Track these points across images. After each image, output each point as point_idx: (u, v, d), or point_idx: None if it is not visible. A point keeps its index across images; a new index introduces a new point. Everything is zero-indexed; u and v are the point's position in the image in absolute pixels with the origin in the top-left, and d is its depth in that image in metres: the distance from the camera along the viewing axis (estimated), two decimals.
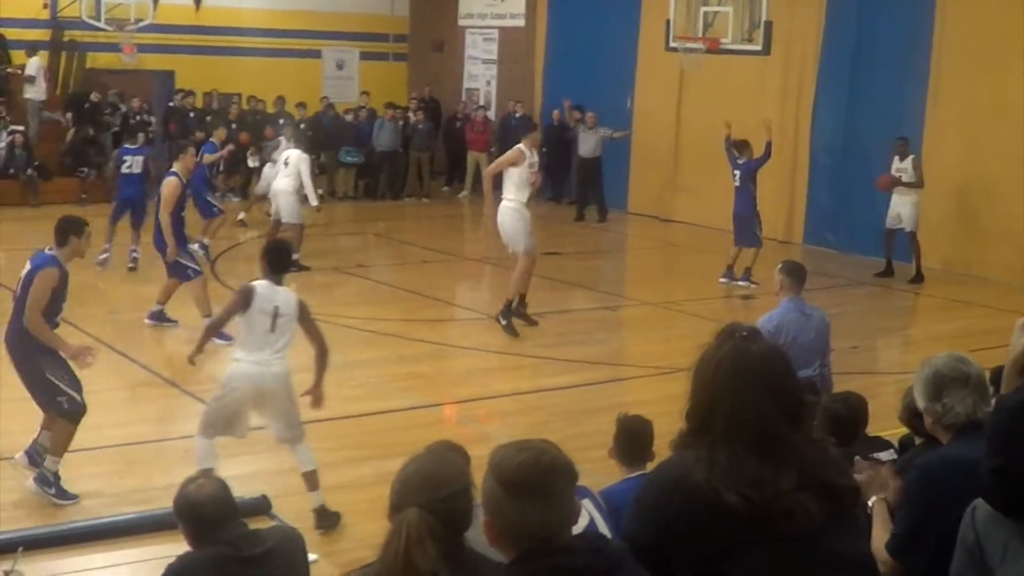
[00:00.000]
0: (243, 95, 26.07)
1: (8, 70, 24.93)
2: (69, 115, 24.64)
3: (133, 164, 17.72)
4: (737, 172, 17.39)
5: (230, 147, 21.02)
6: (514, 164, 14.06)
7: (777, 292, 9.35)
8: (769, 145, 17.43)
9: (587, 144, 23.72)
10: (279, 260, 8.86)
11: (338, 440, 10.43)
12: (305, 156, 17.93)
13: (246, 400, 8.56)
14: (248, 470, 9.21)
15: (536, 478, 3.14)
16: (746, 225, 17.24)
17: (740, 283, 17.07)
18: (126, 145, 18.94)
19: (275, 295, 8.59)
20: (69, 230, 9.15)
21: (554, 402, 11.67)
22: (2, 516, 8.02)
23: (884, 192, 17.93)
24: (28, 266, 9.23)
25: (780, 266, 9.46)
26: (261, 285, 8.54)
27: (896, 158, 17.76)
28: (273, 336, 8.52)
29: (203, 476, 5.19)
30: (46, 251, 9.16)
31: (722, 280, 17.17)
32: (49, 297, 8.84)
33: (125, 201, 17.65)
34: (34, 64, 24.57)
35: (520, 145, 14.21)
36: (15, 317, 9.06)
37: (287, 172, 17.59)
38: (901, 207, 17.72)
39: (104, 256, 17.17)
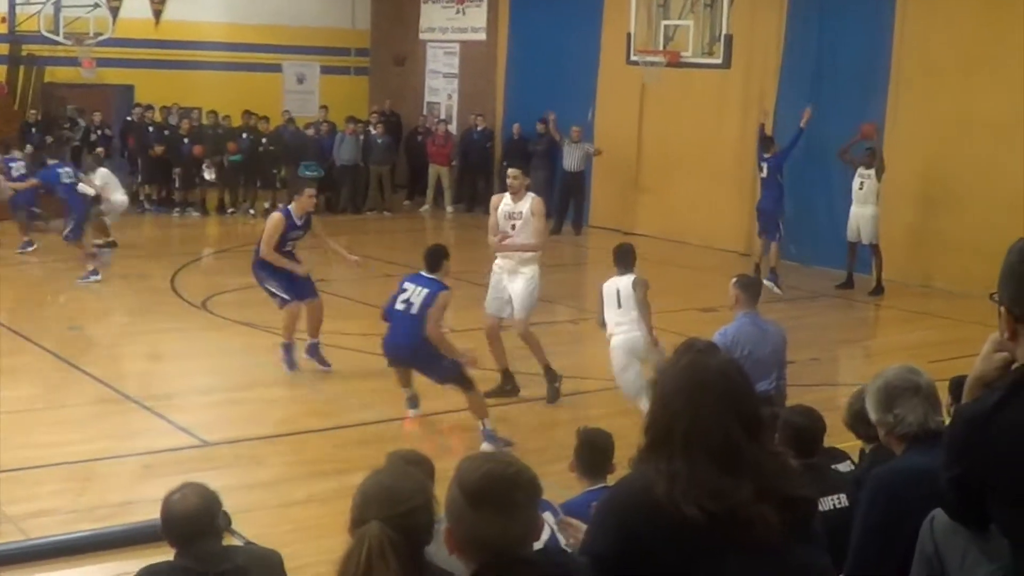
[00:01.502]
0: (203, 109, 25.97)
1: None
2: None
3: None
4: (764, 165, 17.99)
5: None
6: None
7: (732, 306, 9.35)
8: (798, 135, 18.03)
9: (571, 158, 23.78)
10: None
11: (299, 455, 10.42)
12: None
13: None
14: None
15: (499, 490, 3.13)
16: (770, 218, 17.69)
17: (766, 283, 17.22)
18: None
19: None
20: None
21: (517, 415, 11.65)
22: None
23: (868, 140, 18.06)
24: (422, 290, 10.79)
25: (735, 280, 9.47)
26: None
27: (861, 166, 17.93)
28: None
29: (189, 487, 5.14)
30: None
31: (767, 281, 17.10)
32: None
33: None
34: None
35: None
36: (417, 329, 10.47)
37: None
38: (860, 220, 17.81)
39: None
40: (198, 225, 24.15)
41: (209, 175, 24.67)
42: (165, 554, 5.27)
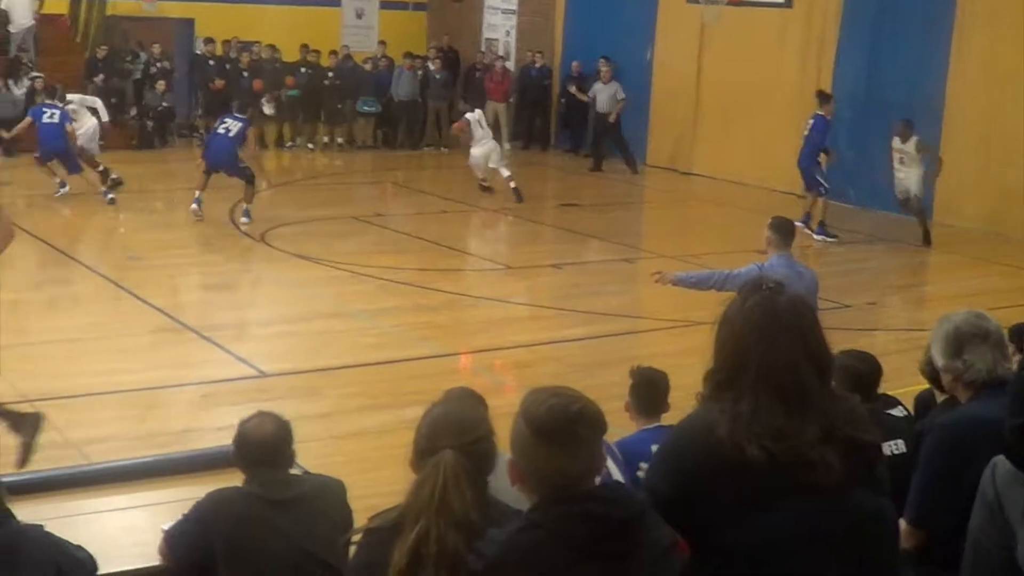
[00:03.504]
0: (262, 43, 25.97)
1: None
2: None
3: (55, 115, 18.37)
4: (810, 121, 17.76)
5: None
6: None
7: (765, 248, 9.29)
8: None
9: (602, 98, 23.64)
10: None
11: (355, 387, 10.48)
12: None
13: None
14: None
15: (564, 425, 3.16)
16: (805, 172, 17.63)
17: (815, 236, 17.14)
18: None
19: None
20: None
21: (570, 353, 11.68)
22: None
23: None
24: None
25: (769, 222, 9.41)
26: None
27: (897, 139, 17.22)
28: None
29: (265, 415, 5.21)
30: None
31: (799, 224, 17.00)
32: None
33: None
34: None
35: None
36: None
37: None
38: (908, 183, 17.37)
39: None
40: (258, 158, 24.19)
41: (268, 109, 24.71)
42: (225, 481, 5.36)
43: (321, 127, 25.59)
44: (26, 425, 7.78)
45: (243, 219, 17.14)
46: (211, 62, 25.43)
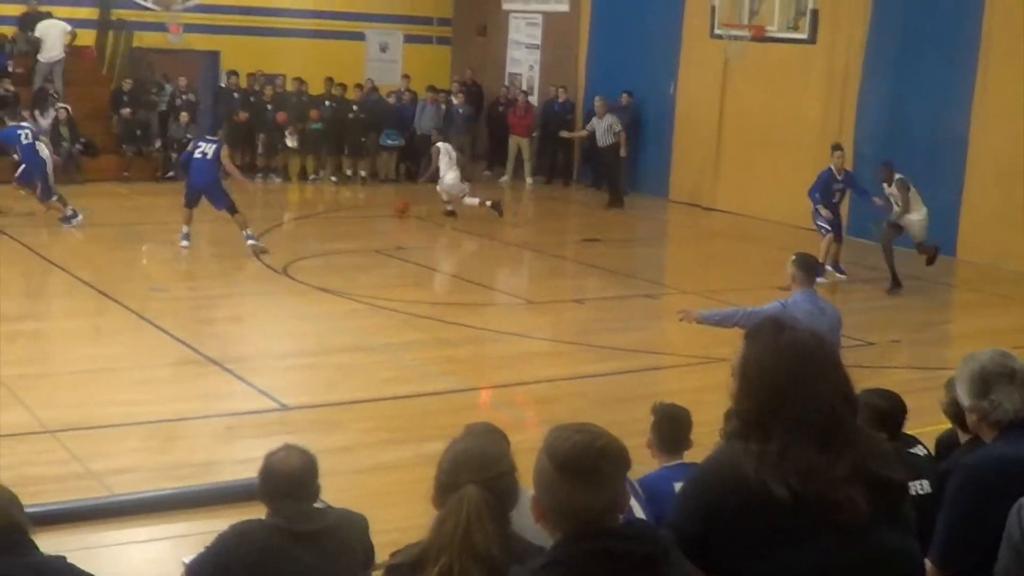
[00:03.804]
0: (287, 76, 26.13)
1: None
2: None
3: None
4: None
5: None
6: None
7: (789, 285, 9.28)
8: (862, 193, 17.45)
9: (599, 132, 23.79)
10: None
11: (375, 421, 10.48)
12: None
13: None
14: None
15: (588, 461, 3.15)
16: (813, 215, 17.40)
17: (833, 272, 17.06)
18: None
19: None
20: None
21: (591, 389, 11.65)
22: (47, 488, 8.08)
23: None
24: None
25: (793, 258, 9.39)
26: None
27: (884, 184, 16.77)
28: None
29: (291, 448, 5.21)
30: None
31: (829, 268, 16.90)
32: None
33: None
34: (43, 26, 24.69)
35: None
36: None
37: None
38: (911, 227, 16.80)
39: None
40: (280, 191, 24.34)
41: (292, 142, 24.87)
42: (248, 514, 5.34)
43: (344, 160, 25.69)
44: None
45: (249, 241, 17.28)
46: (235, 94, 25.57)
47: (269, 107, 25.14)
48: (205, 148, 17.58)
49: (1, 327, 12.84)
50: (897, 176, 16.56)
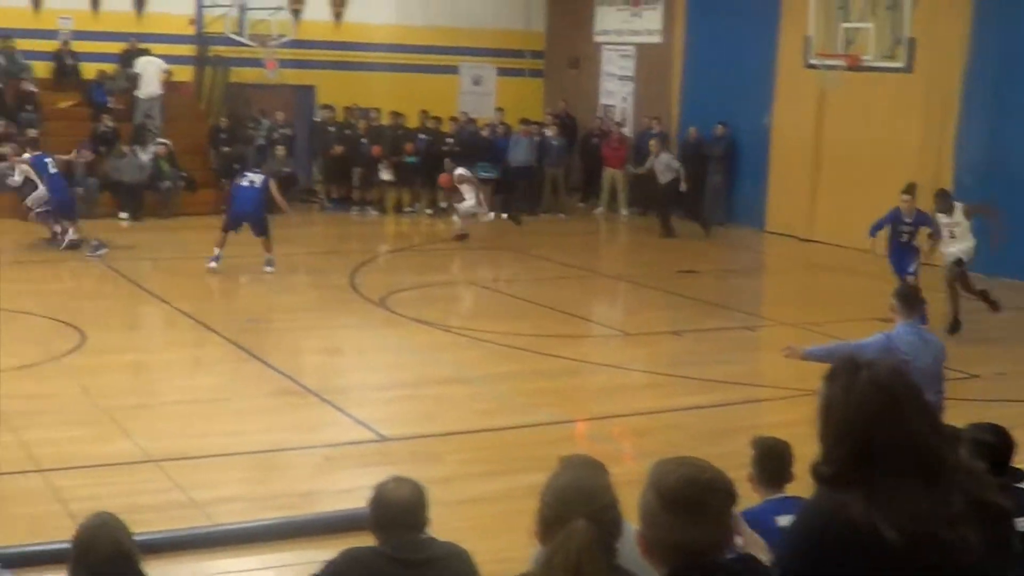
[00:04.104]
0: (382, 109, 26.37)
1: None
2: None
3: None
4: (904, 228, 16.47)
5: None
6: None
7: (890, 318, 9.17)
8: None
9: (659, 170, 23.83)
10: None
11: (473, 453, 10.48)
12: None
13: None
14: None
15: (695, 495, 3.13)
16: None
17: None
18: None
19: None
20: None
21: (689, 422, 11.58)
22: (151, 517, 8.18)
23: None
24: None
25: (894, 291, 9.30)
26: None
27: (941, 215, 15.93)
28: None
29: (401, 479, 5.26)
30: None
31: None
32: None
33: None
34: (141, 63, 25.17)
35: None
36: None
37: None
38: (966, 256, 16.02)
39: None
40: (376, 224, 24.54)
41: (387, 175, 25.08)
42: (349, 544, 5.37)
43: (439, 193, 25.84)
44: None
45: (267, 268, 18.03)
46: (330, 128, 25.85)
47: (364, 140, 25.38)
48: (253, 178, 18.48)
49: (104, 358, 13.11)
50: (961, 203, 16.10)
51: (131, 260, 18.55)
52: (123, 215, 22.87)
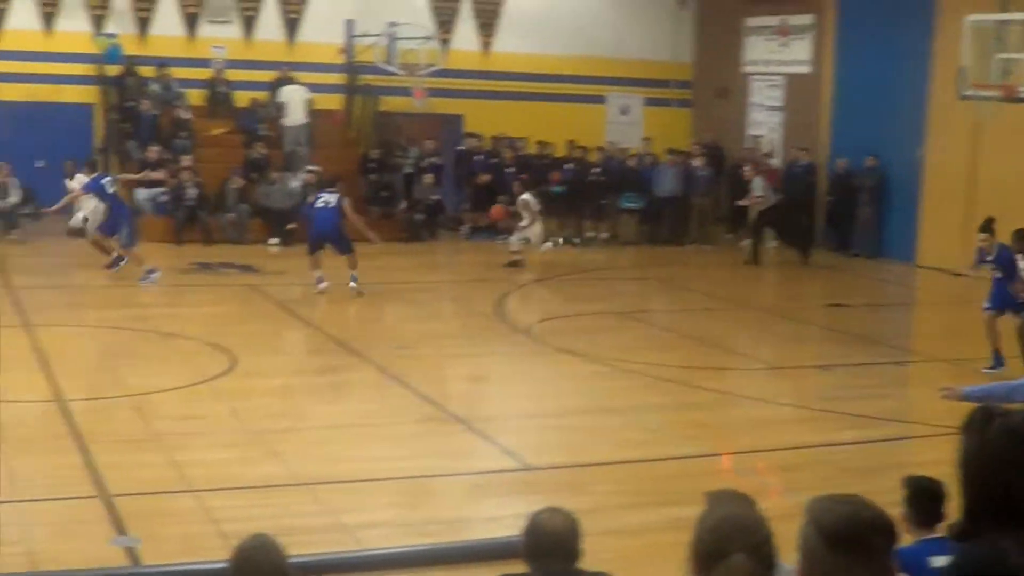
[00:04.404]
0: (529, 139, 26.50)
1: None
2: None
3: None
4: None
5: None
6: None
7: None
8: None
9: (759, 192, 23.73)
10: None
11: (618, 484, 10.43)
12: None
13: None
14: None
15: (858, 533, 3.08)
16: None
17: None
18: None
19: None
20: None
21: (839, 457, 11.38)
22: (301, 540, 8.26)
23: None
24: None
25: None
26: None
27: (1019, 256, 15.18)
28: None
29: (555, 508, 5.27)
30: None
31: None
32: None
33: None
34: (286, 91, 25.62)
35: None
36: None
37: None
38: None
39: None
40: (522, 252, 24.60)
41: (533, 205, 25.13)
42: (498, 572, 5.38)
43: (585, 222, 25.86)
44: None
45: (352, 284, 18.24)
46: (477, 157, 26.04)
47: (510, 169, 25.51)
48: (327, 198, 18.70)
49: (254, 382, 13.34)
50: None
51: (280, 285, 18.85)
52: (272, 241, 23.28)
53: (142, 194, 23.66)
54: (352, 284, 18.31)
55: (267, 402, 12.80)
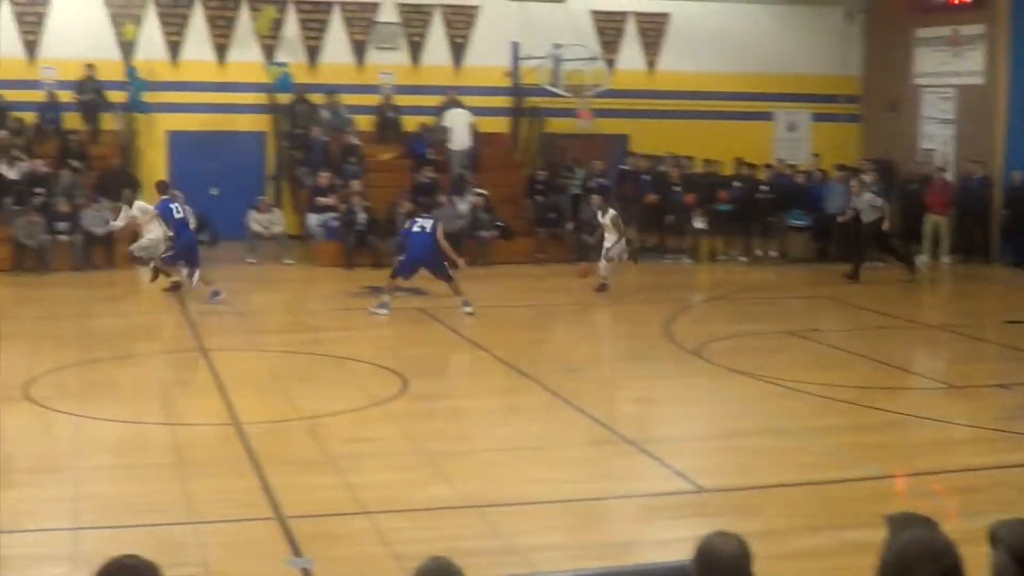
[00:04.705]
0: (695, 157, 26.35)
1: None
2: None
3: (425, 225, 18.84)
4: None
5: None
6: None
7: None
8: None
9: (861, 208, 23.19)
10: None
11: (792, 507, 10.25)
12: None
13: None
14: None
15: None
16: None
17: None
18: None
19: None
20: None
21: (1019, 479, 11.05)
22: (473, 562, 8.28)
23: None
24: None
25: None
26: None
27: None
28: None
29: (726, 533, 5.21)
30: None
31: None
32: None
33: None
34: (451, 115, 25.85)
35: None
36: None
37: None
38: None
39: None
40: (690, 272, 24.49)
41: (700, 223, 25.01)
42: None
43: (754, 240, 25.60)
44: None
45: (465, 308, 18.29)
46: (644, 176, 25.97)
47: (677, 188, 25.39)
48: (423, 223, 18.74)
49: (425, 404, 13.47)
50: None
51: (450, 308, 19.01)
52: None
53: (313, 219, 24.08)
54: (466, 309, 18.37)
55: (438, 424, 12.91)
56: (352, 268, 22.96)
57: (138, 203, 21.00)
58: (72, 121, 25.26)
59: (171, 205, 19.94)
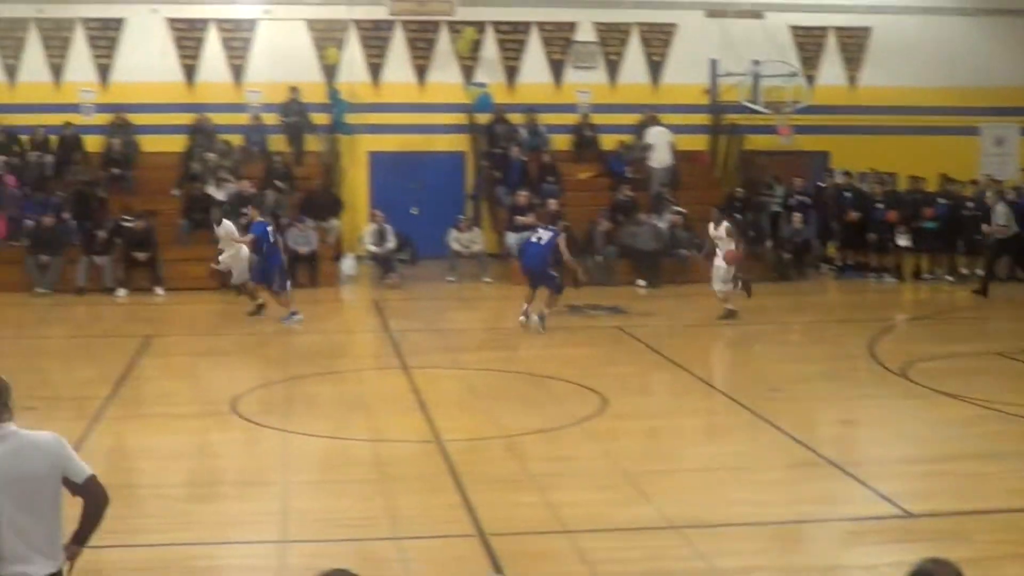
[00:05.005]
0: (898, 174, 25.80)
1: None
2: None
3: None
4: None
5: None
6: None
7: None
8: None
9: (998, 221, 22.59)
10: None
11: (1004, 534, 9.93)
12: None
13: None
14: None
15: None
16: None
17: None
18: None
19: None
20: None
21: None
22: None
23: None
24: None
25: None
26: None
27: None
28: None
29: (942, 560, 5.08)
30: None
31: None
32: None
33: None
34: (652, 133, 25.76)
35: None
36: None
37: None
38: None
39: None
40: (893, 291, 23.97)
41: (903, 240, 24.46)
42: None
43: (959, 259, 24.94)
44: None
45: (536, 318, 18.45)
46: (846, 193, 25.53)
47: (879, 205, 24.90)
48: (541, 234, 18.97)
49: (624, 423, 13.42)
50: None
51: (649, 327, 18.94)
52: (640, 282, 23.46)
53: (512, 238, 24.27)
54: (536, 318, 18.60)
55: (638, 443, 12.85)
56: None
57: (226, 222, 21.12)
58: (277, 143, 25.97)
59: (268, 227, 20.19)
